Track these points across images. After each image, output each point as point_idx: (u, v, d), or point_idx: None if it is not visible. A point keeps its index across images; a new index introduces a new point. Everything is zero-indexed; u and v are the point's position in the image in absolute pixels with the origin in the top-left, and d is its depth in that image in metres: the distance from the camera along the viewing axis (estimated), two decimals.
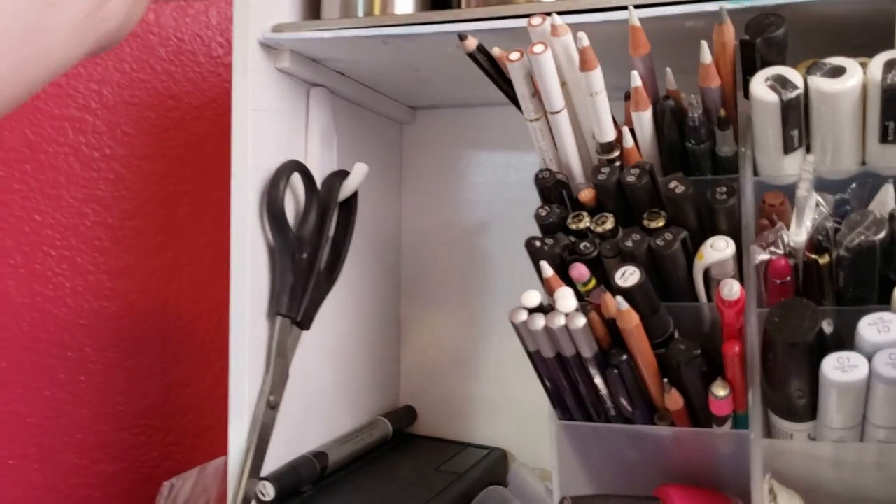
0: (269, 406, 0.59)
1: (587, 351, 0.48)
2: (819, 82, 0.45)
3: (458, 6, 0.60)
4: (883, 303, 0.44)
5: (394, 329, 0.80)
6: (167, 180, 0.90)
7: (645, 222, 0.50)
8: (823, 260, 0.46)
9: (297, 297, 0.60)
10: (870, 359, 0.42)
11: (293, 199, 0.62)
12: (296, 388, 0.62)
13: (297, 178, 0.62)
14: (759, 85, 0.46)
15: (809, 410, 0.46)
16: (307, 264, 0.61)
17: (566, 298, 0.48)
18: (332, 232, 0.64)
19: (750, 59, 0.48)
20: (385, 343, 0.79)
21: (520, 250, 0.52)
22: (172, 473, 0.76)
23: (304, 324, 0.62)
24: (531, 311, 0.49)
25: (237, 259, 0.58)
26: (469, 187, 0.79)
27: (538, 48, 0.48)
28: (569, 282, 0.50)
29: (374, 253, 0.76)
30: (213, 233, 0.89)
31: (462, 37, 0.51)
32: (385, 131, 0.78)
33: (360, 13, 0.60)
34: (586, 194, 0.52)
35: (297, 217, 0.62)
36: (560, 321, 0.47)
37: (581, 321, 0.47)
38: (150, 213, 0.90)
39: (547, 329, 0.48)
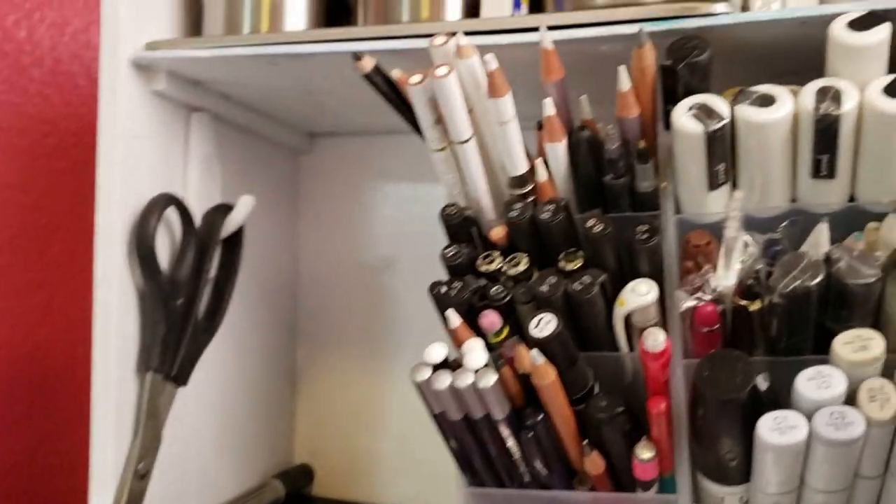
0: (139, 475, 0.51)
1: (498, 412, 0.43)
2: (747, 112, 0.41)
3: (356, 23, 0.54)
4: (819, 353, 0.41)
5: (288, 379, 0.73)
6: (39, 213, 0.81)
7: (561, 264, 0.46)
8: (754, 306, 0.42)
9: (170, 349, 0.53)
10: (809, 418, 0.38)
11: (169, 237, 0.55)
12: (171, 453, 0.55)
13: (173, 214, 0.55)
14: (682, 114, 0.42)
15: (742, 472, 0.42)
16: (183, 311, 0.54)
17: (475, 352, 0.42)
18: (213, 273, 0.57)
19: (671, 87, 0.44)
20: (278, 395, 0.72)
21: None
22: None
23: (180, 379, 0.55)
24: (436, 367, 0.43)
25: (101, 308, 0.52)
26: (373, 222, 0.73)
27: (441, 70, 0.43)
28: (479, 330, 0.44)
29: (266, 295, 0.69)
30: (91, 272, 0.81)
31: (357, 57, 0.46)
32: (279, 160, 0.72)
33: (246, 30, 0.54)
34: (498, 232, 0.48)
35: (172, 257, 0.55)
36: (468, 380, 0.42)
37: (492, 379, 0.42)
38: (20, 249, 0.81)
39: (453, 388, 0.42)
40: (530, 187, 0.47)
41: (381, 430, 0.71)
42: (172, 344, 0.53)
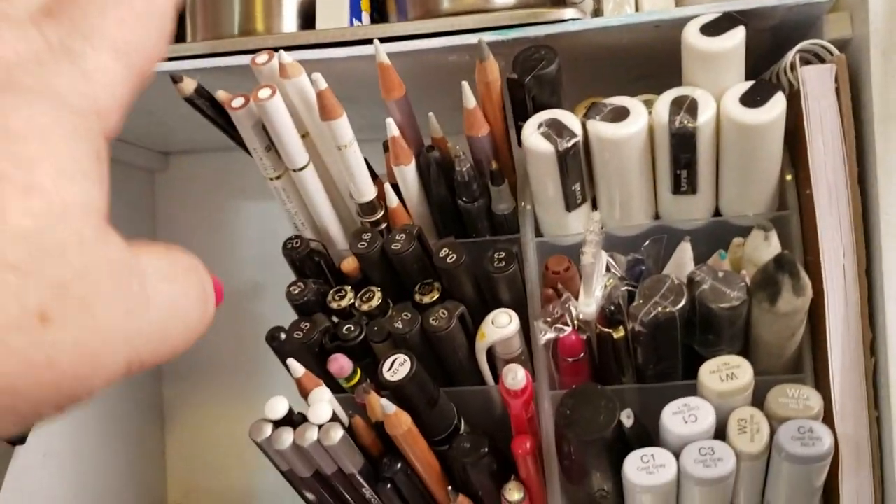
0: None
1: (350, 466, 0.39)
2: (599, 127, 0.38)
3: (185, 37, 0.49)
4: (689, 377, 0.38)
5: (155, 417, 0.68)
6: None
7: (417, 297, 0.42)
8: (618, 334, 0.39)
9: None
10: (678, 454, 0.36)
11: None
12: None
13: None
14: (532, 133, 0.39)
15: None
16: None
17: (320, 405, 0.38)
18: None
19: (521, 101, 0.40)
20: (145, 434, 0.66)
21: None
22: None
23: (16, 439, 0.49)
24: (277, 423, 0.39)
25: None
26: (237, 242, 0.68)
27: (264, 93, 0.38)
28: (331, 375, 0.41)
29: None
30: None
31: (176, 78, 0.41)
32: (131, 182, 0.66)
33: None
34: (349, 264, 0.44)
35: None
36: (312, 436, 0.38)
37: (338, 434, 0.38)
38: None
39: (297, 446, 0.38)
40: (381, 214, 0.43)
41: (257, 464, 0.66)
42: None
